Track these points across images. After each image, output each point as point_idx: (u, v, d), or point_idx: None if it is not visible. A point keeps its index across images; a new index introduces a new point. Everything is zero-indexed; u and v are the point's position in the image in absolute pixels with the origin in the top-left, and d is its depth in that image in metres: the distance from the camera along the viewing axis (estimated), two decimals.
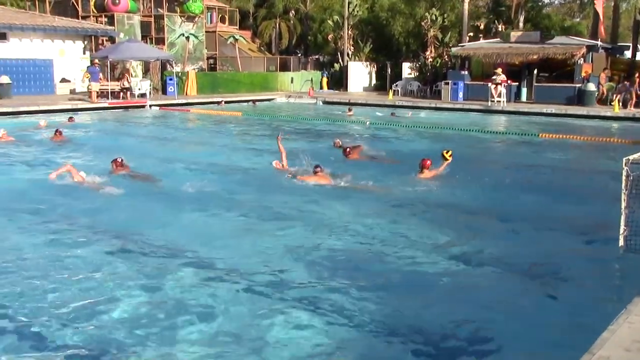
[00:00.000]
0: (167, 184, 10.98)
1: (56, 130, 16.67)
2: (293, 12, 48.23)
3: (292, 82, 37.49)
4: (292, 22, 48.16)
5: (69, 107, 25.04)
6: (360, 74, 37.90)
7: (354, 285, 6.36)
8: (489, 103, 27.18)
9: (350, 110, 26.10)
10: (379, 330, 5.46)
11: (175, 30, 34.76)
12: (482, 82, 28.91)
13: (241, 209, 9.42)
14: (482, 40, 33.00)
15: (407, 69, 35.50)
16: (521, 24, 38.04)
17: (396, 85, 34.35)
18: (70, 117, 21.32)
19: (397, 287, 6.44)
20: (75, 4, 34.23)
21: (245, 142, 17.29)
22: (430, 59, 34.90)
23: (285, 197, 10.12)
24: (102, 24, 32.79)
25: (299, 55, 44.80)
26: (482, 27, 37.71)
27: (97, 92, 26.66)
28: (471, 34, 35.26)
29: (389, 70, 36.26)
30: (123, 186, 10.45)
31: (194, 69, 34.97)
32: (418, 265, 7.06)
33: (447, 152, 12.03)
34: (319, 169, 11.05)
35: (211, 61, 38.22)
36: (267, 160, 12.35)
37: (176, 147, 16.25)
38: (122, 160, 11.63)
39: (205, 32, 36.63)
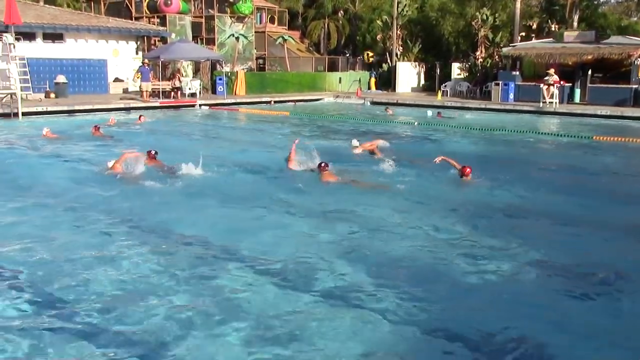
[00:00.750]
0: (207, 180, 11.11)
1: (94, 126, 17.82)
2: (342, 12, 48.22)
3: (340, 82, 37.47)
4: (340, 22, 48.15)
5: (122, 106, 25.62)
6: (408, 75, 37.62)
7: (397, 286, 6.31)
8: (541, 104, 26.59)
9: (388, 109, 26.01)
10: (423, 334, 5.38)
11: (225, 31, 35.16)
12: (533, 83, 28.29)
13: (284, 207, 9.47)
14: (534, 40, 32.33)
15: (457, 70, 35.05)
16: (575, 24, 37.09)
17: (445, 86, 33.96)
18: (141, 116, 21.74)
19: (441, 290, 6.34)
20: (129, 5, 34.99)
21: (290, 140, 17.28)
22: (481, 59, 34.37)
23: (326, 196, 10.14)
24: (154, 24, 33.41)
25: (347, 55, 44.75)
26: (534, 26, 36.91)
27: (149, 92, 27.22)
28: (523, 33, 34.57)
29: (437, 71, 35.87)
30: (157, 179, 10.84)
31: (243, 69, 35.31)
32: (463, 268, 6.93)
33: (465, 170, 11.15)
34: (324, 164, 11.22)
35: (260, 61, 38.51)
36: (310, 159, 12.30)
37: (222, 144, 16.43)
38: (155, 152, 12.04)
39: (255, 32, 36.94)
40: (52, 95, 27.21)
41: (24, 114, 21.89)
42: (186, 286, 6.27)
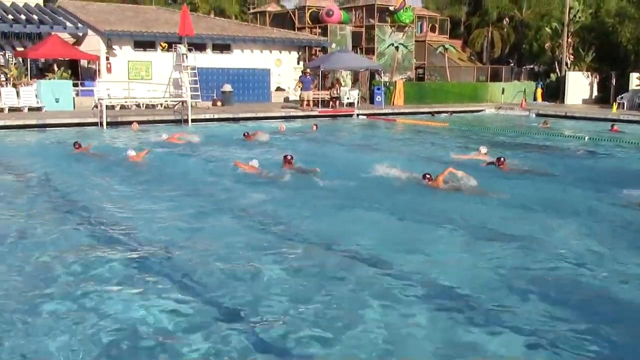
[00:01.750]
0: (352, 186, 11.33)
1: (244, 133, 18.88)
2: (507, 19, 46.42)
3: (503, 92, 36.05)
4: (505, 30, 46.38)
5: (282, 114, 26.45)
6: (579, 85, 35.29)
7: (541, 305, 5.78)
8: None
9: (546, 123, 24.48)
10: None
11: (385, 40, 35.20)
12: None
13: (424, 217, 9.35)
14: None
15: (636, 80, 32.29)
16: None
17: (621, 98, 31.43)
18: (315, 125, 22.37)
19: (599, 313, 5.64)
20: (292, 16, 36.21)
21: (448, 153, 16.77)
22: None
23: (447, 203, 9.88)
24: (315, 34, 34.25)
25: (512, 64, 42.97)
26: None
27: (310, 101, 27.81)
28: None
29: (613, 81, 33.31)
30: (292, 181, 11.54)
31: (401, 78, 35.13)
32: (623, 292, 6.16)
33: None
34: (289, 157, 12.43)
35: (419, 71, 38.13)
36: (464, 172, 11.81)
37: (375, 153, 16.26)
38: (291, 157, 12.87)
39: (415, 41, 36.64)
40: (219, 103, 28.74)
41: (192, 120, 23.27)
42: (337, 293, 6.14)
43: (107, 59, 28.34)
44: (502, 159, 13.23)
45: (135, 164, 13.86)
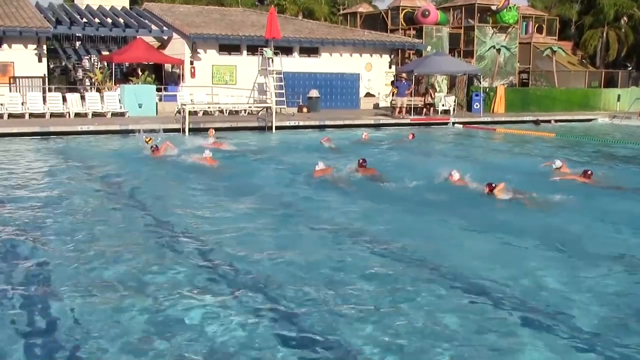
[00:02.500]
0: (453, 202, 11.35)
1: (323, 137, 19.46)
2: (625, 18, 44.63)
3: (618, 100, 34.63)
4: (623, 30, 44.60)
5: (371, 122, 26.51)
6: None
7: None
8: None
9: None
10: None
11: (486, 42, 34.66)
12: None
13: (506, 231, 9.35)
14: None
15: None
16: None
17: None
18: (412, 134, 22.16)
19: None
20: (385, 17, 36.28)
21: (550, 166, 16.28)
22: None
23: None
24: (409, 36, 34.16)
25: (629, 68, 41.21)
26: None
27: (404, 108, 27.66)
28: None
29: None
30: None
31: (503, 84, 34.44)
32: None
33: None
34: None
35: (523, 76, 37.25)
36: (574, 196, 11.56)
37: (467, 165, 15.96)
38: (364, 161, 13.65)
39: (519, 43, 35.85)
40: (305, 109, 29.16)
41: (276, 127, 23.73)
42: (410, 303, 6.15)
43: (192, 63, 29.38)
44: (588, 171, 13.32)
45: (209, 167, 14.54)
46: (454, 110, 29.81)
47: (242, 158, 16.72)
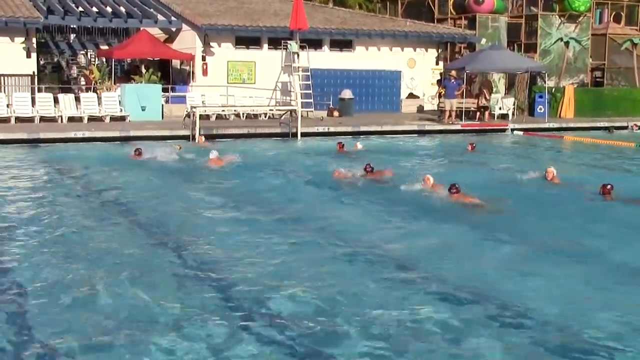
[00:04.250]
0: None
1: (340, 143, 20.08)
2: None
3: None
4: None
5: (414, 128, 26.58)
6: None
7: None
8: None
9: None
10: None
11: (552, 34, 34.52)
12: None
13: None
14: None
15: None
16: None
17: None
18: (472, 144, 21.59)
19: None
20: (431, 5, 36.36)
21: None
22: None
23: None
24: (460, 27, 34.19)
25: None
26: None
27: (454, 111, 27.49)
28: None
29: None
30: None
31: (572, 83, 34.24)
32: None
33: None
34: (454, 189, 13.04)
35: (597, 73, 36.97)
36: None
37: (520, 179, 15.98)
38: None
39: (592, 35, 35.64)
40: (336, 113, 29.31)
41: (302, 134, 23.90)
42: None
43: (204, 58, 29.75)
44: (608, 186, 13.63)
45: (217, 170, 15.30)
46: (513, 114, 29.71)
47: (256, 172, 16.75)
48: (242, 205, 12.90)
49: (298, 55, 29.09)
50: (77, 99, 25.98)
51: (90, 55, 33.86)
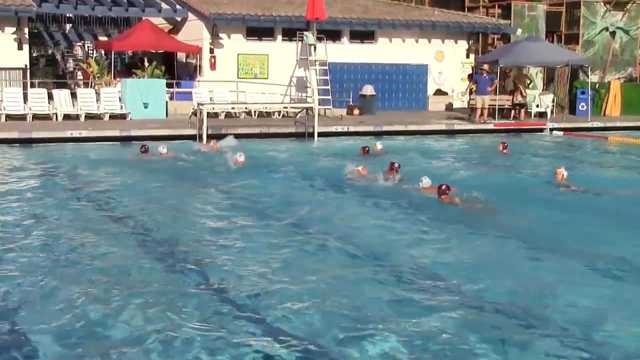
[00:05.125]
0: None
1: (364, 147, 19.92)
2: None
3: None
4: None
5: (442, 127, 26.48)
6: None
7: None
8: None
9: None
10: None
11: (596, 23, 34.31)
12: None
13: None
14: None
15: None
16: None
17: None
18: (503, 144, 21.45)
19: None
20: None
21: None
22: None
23: None
24: (493, 16, 34.04)
25: None
26: None
27: (486, 109, 27.36)
28: None
29: None
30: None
31: (618, 78, 34.03)
32: None
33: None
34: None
35: None
36: None
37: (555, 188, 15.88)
38: (447, 186, 13.93)
39: None
40: (356, 111, 29.22)
41: (319, 134, 23.83)
42: None
43: (212, 51, 29.79)
44: None
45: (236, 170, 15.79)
46: (551, 112, 29.52)
47: (267, 176, 16.70)
48: (251, 212, 12.92)
49: (315, 48, 29.09)
50: (74, 95, 26.07)
51: (88, 47, 34.03)
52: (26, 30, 27.32)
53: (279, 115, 27.60)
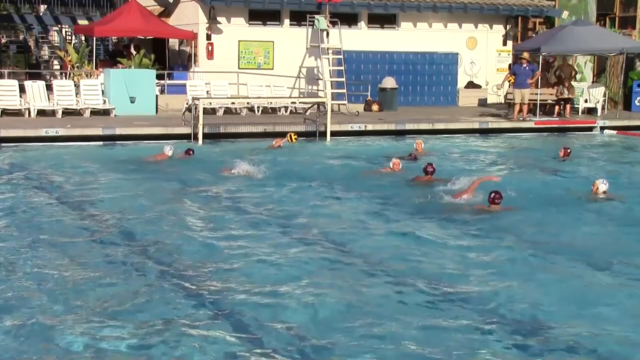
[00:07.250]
0: None
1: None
2: None
3: None
4: None
5: (475, 126, 26.59)
6: None
7: None
8: None
9: None
10: None
11: None
12: None
13: None
14: None
15: None
16: None
17: None
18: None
19: None
20: None
21: None
22: None
23: None
24: None
25: None
26: None
27: (526, 104, 27.28)
28: None
29: None
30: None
31: None
32: None
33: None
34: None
35: None
36: None
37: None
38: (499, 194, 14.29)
39: None
40: (375, 106, 29.28)
41: (333, 133, 23.95)
42: None
43: (209, 37, 29.91)
44: None
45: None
46: (603, 108, 29.57)
47: (274, 182, 16.73)
48: (250, 223, 13.15)
49: (328, 34, 29.17)
50: (49, 88, 26.06)
51: (66, 32, 34.20)
52: None
53: (285, 112, 27.72)
